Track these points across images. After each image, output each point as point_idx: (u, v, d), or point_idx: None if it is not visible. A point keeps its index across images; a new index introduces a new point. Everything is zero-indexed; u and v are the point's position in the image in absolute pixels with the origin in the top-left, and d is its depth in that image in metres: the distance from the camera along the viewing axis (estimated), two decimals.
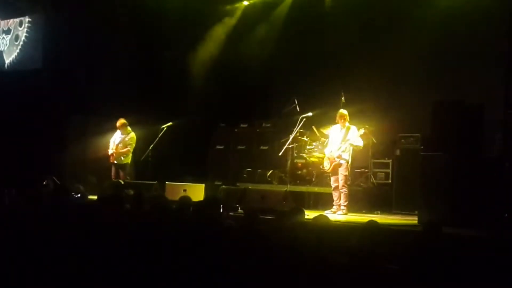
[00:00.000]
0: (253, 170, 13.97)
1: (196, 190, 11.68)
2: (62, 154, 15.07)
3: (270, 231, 6.25)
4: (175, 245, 5.64)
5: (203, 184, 12.31)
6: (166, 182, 12.15)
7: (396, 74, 12.71)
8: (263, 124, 14.40)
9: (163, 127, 13.42)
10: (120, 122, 13.26)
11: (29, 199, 7.57)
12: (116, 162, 13.20)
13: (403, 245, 6.41)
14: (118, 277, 5.38)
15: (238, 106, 14.83)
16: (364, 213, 11.54)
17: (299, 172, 13.22)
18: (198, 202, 8.08)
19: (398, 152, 12.26)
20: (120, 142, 13.21)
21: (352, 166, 11.49)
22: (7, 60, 17.87)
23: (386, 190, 12.35)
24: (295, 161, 13.13)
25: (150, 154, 13.22)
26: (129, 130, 13.30)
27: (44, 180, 12.88)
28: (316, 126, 12.70)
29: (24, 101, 16.12)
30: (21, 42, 17.54)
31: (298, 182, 12.99)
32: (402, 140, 12.26)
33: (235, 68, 14.74)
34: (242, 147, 14.55)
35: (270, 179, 13.47)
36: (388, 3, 12.79)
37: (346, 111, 11.30)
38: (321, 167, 11.88)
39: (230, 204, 10.53)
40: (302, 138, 12.94)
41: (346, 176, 11.15)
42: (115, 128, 13.35)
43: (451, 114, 9.66)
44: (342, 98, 12.37)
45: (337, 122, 11.34)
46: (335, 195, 11.24)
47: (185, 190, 11.43)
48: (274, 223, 6.74)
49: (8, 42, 17.92)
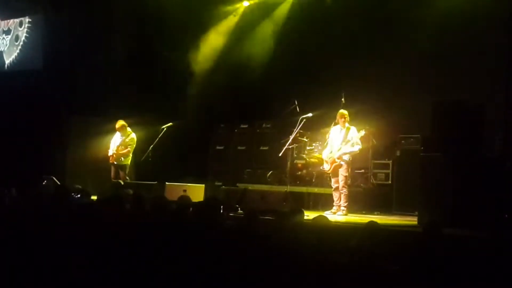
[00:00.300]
0: (253, 170, 13.98)
1: (196, 191, 11.67)
2: (62, 154, 15.06)
3: (270, 232, 6.25)
4: (175, 245, 5.64)
5: (203, 184, 12.31)
6: (166, 183, 12.16)
7: (396, 74, 12.70)
8: (263, 124, 14.41)
9: (163, 128, 13.41)
10: (119, 123, 13.24)
11: (29, 199, 7.58)
12: (116, 162, 13.19)
13: (403, 245, 6.41)
14: (118, 277, 5.38)
15: (238, 107, 14.83)
16: (364, 213, 11.54)
17: (299, 172, 13.22)
18: (198, 202, 8.10)
19: (398, 152, 12.26)
20: (120, 143, 13.20)
21: (352, 167, 11.51)
22: (7, 60, 17.86)
23: (386, 190, 12.35)
24: (295, 161, 13.13)
25: (150, 155, 13.20)
26: (129, 131, 13.28)
27: (44, 180, 12.87)
28: (316, 127, 12.70)
29: (24, 101, 16.09)
30: (21, 43, 17.53)
31: (298, 182, 12.99)
32: (402, 141, 12.27)
33: (235, 68, 14.73)
34: (242, 148, 14.55)
35: (270, 180, 13.47)
36: (388, 3, 12.78)
37: (346, 111, 11.31)
38: (321, 168, 11.89)
39: (230, 204, 10.53)
40: (302, 138, 12.94)
41: (346, 177, 11.16)
42: (115, 129, 13.34)
43: (451, 114, 9.63)
44: (342, 99, 12.38)
45: (337, 122, 11.34)
46: (335, 196, 11.24)
47: (185, 191, 11.42)
48: (274, 224, 6.74)
49: (8, 42, 17.91)
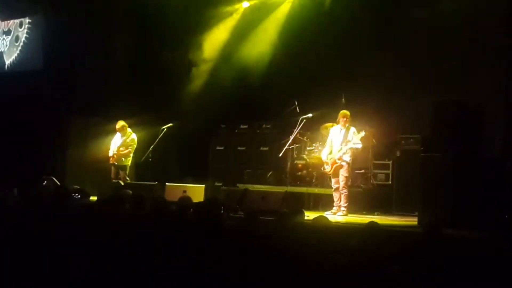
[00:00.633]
0: (253, 171, 13.97)
1: (196, 191, 11.65)
2: (63, 155, 15.06)
3: (270, 232, 6.25)
4: (175, 245, 5.64)
5: (203, 185, 12.30)
6: (166, 183, 12.16)
7: (396, 75, 12.69)
8: (263, 125, 14.40)
9: (163, 128, 13.40)
10: (119, 124, 13.24)
11: (29, 200, 7.57)
12: (116, 163, 13.19)
13: (403, 246, 6.41)
14: (118, 277, 5.38)
15: (238, 107, 14.83)
16: (364, 214, 11.54)
17: (299, 173, 13.21)
18: (198, 203, 8.08)
19: (398, 153, 12.25)
20: (121, 143, 13.19)
21: (352, 167, 11.50)
22: (7, 61, 17.85)
23: (386, 191, 12.34)
24: (295, 162, 13.13)
25: (150, 155, 13.21)
26: (129, 131, 13.28)
27: (44, 180, 12.87)
28: (316, 127, 12.69)
29: (24, 102, 16.08)
30: (21, 43, 17.52)
31: (298, 183, 12.98)
32: (402, 141, 12.26)
33: (236, 69, 14.73)
34: (242, 148, 14.54)
35: (270, 180, 13.46)
36: (388, 4, 12.78)
37: (348, 112, 11.30)
38: (322, 169, 11.90)
39: (230, 205, 10.52)
40: (302, 139, 12.94)
41: (346, 177, 11.16)
42: (116, 130, 13.33)
43: (451, 115, 9.62)
44: (343, 99, 12.38)
45: (338, 122, 11.34)
46: (336, 196, 11.25)
47: (185, 191, 11.41)
48: (274, 224, 6.73)
49: (8, 43, 17.90)
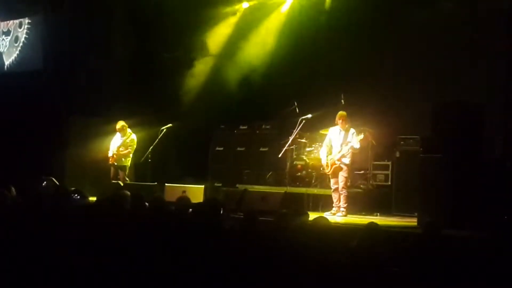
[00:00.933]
0: (252, 171, 13.96)
1: (195, 192, 11.64)
2: (62, 155, 15.05)
3: (270, 233, 6.24)
4: (175, 246, 5.64)
5: (203, 185, 12.30)
6: (166, 184, 12.15)
7: (395, 75, 12.70)
8: (263, 126, 14.38)
9: (163, 129, 13.40)
10: (119, 124, 13.24)
11: (29, 200, 7.56)
12: (116, 163, 13.19)
13: (403, 246, 6.41)
14: (118, 277, 5.38)
15: (237, 108, 14.82)
16: (363, 214, 11.54)
17: (299, 173, 13.20)
18: (198, 203, 8.07)
19: (397, 154, 12.25)
20: (121, 144, 13.19)
21: (352, 168, 11.51)
22: (7, 61, 17.85)
23: (386, 192, 12.34)
24: (295, 162, 13.12)
25: (149, 156, 13.21)
26: (129, 132, 13.29)
27: (44, 181, 12.86)
28: (315, 128, 12.69)
29: (24, 102, 16.09)
30: (20, 44, 17.52)
31: (297, 183, 12.97)
32: (402, 142, 12.25)
33: (235, 69, 14.72)
34: (242, 149, 14.53)
35: (269, 181, 13.45)
36: (388, 4, 12.78)
37: (345, 113, 11.30)
38: (321, 170, 11.90)
39: (229, 205, 10.51)
40: (301, 140, 12.94)
41: (346, 178, 11.17)
42: (115, 130, 13.33)
43: (451, 115, 9.62)
44: (342, 100, 12.38)
45: (336, 123, 11.34)
46: (335, 197, 11.26)
47: (184, 192, 11.40)
48: (274, 225, 6.73)
49: (8, 43, 17.90)
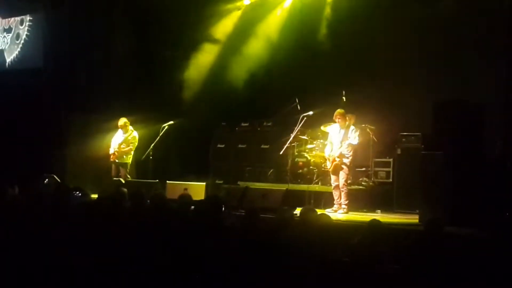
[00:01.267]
0: (254, 169, 13.96)
1: (197, 189, 11.64)
2: (63, 152, 15.05)
3: (271, 230, 6.25)
4: (175, 243, 5.64)
5: (204, 183, 12.30)
6: (167, 181, 12.15)
7: (397, 73, 12.69)
8: (264, 123, 14.38)
9: (164, 126, 13.40)
10: (121, 121, 13.25)
11: (30, 198, 7.58)
12: (117, 160, 13.20)
13: (405, 244, 6.41)
14: (118, 275, 5.39)
15: (239, 105, 14.82)
16: (365, 212, 11.54)
17: (300, 171, 13.18)
18: (199, 201, 8.09)
19: (399, 151, 12.24)
20: (122, 141, 13.20)
21: (353, 165, 11.51)
22: (8, 58, 17.84)
23: (387, 189, 12.33)
24: (296, 160, 13.10)
25: (151, 153, 13.21)
26: (130, 129, 13.29)
27: (45, 178, 12.87)
28: (317, 125, 12.69)
29: (25, 99, 16.09)
30: (22, 41, 17.52)
31: (299, 181, 12.95)
32: (403, 139, 12.24)
33: (237, 66, 14.71)
34: (243, 146, 14.53)
35: (271, 178, 13.46)
36: (389, 2, 12.77)
37: (343, 110, 11.30)
38: (323, 167, 11.90)
39: (231, 203, 10.52)
40: (303, 137, 12.93)
41: (346, 175, 11.17)
42: (116, 127, 13.34)
43: (452, 114, 9.62)
44: (343, 97, 12.38)
45: (334, 121, 11.35)
46: (336, 194, 11.26)
47: (186, 189, 11.40)
48: (275, 222, 6.74)
49: (9, 40, 17.89)
